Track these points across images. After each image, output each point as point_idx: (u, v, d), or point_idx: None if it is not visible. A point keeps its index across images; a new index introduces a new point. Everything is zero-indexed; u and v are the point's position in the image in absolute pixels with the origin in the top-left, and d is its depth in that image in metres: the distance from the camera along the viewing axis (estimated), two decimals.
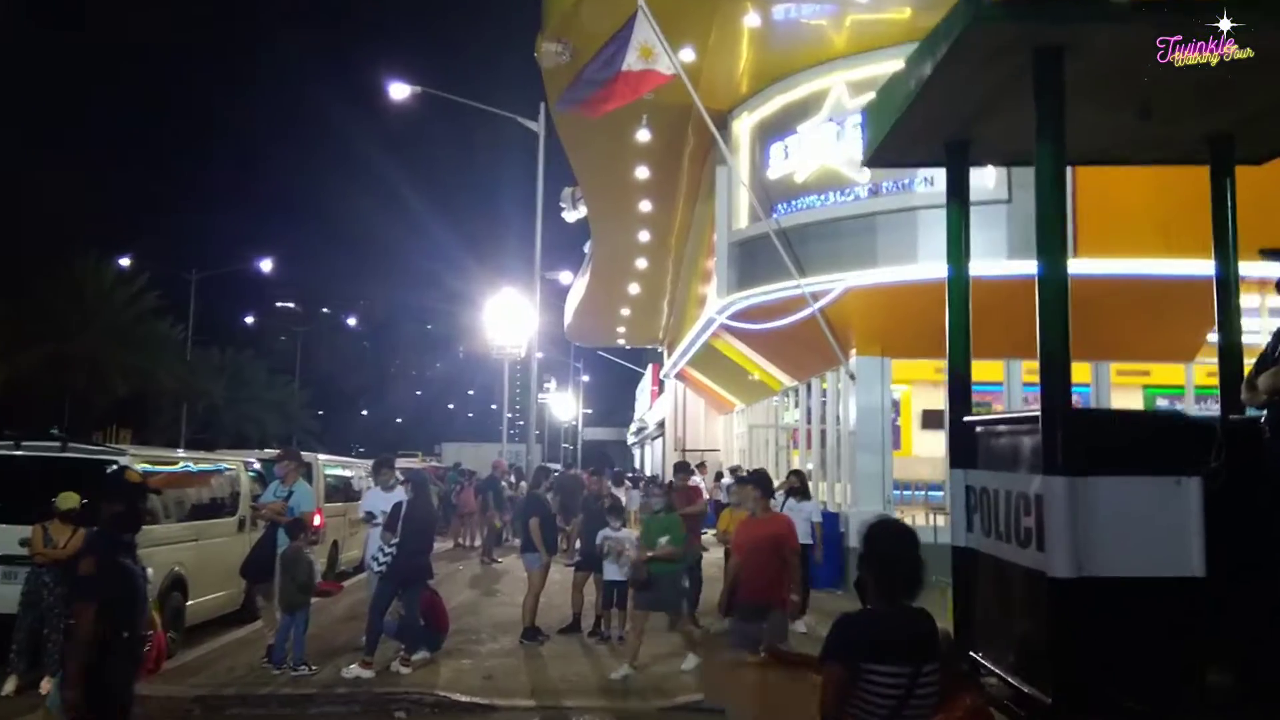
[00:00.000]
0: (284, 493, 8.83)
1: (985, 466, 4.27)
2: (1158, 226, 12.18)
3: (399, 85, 23.74)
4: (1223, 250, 4.48)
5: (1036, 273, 4.49)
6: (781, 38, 14.10)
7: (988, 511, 4.12)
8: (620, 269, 25.19)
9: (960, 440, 4.57)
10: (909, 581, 2.90)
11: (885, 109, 4.29)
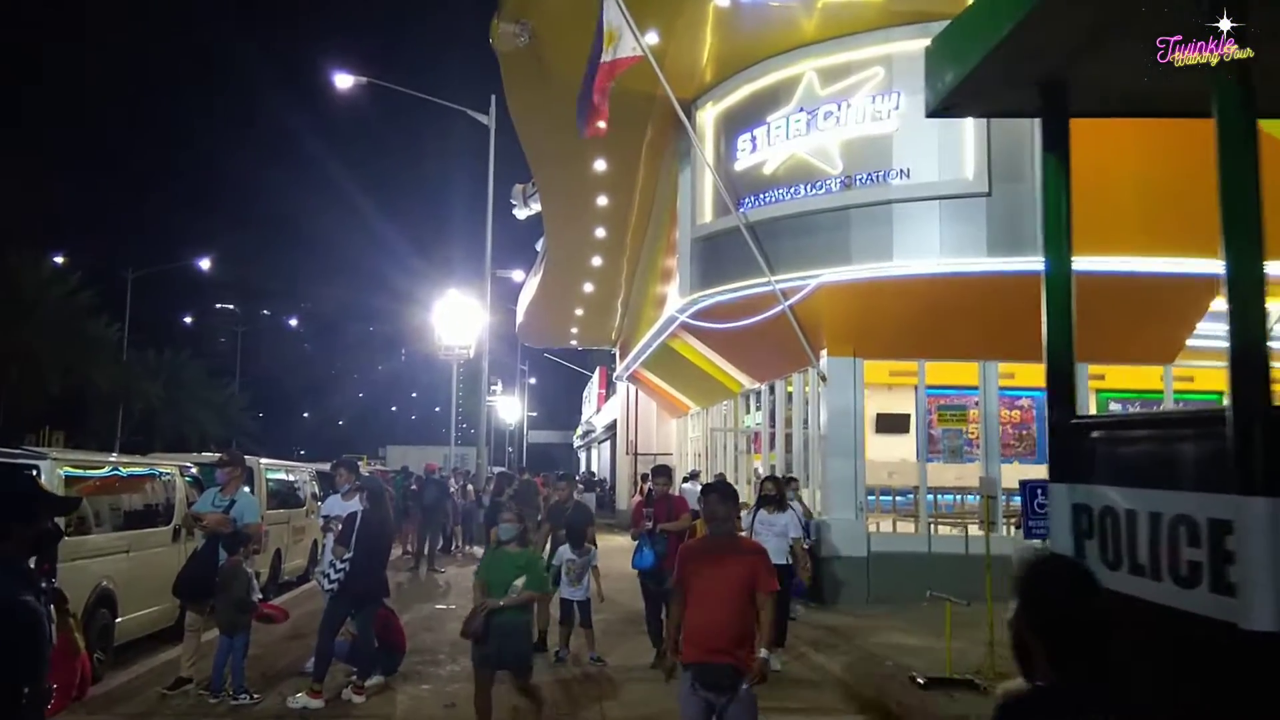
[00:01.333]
0: (224, 502, 7.96)
1: (1111, 481, 3.41)
2: (1140, 224, 11.88)
3: (344, 76, 22.82)
4: None
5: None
6: (749, 23, 13.51)
7: (1116, 539, 3.28)
8: (575, 267, 24.45)
9: (1066, 448, 3.71)
10: (1091, 647, 2.09)
11: (962, 44, 3.56)
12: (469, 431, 64.85)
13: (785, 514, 9.22)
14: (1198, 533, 2.82)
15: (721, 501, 4.99)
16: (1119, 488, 3.33)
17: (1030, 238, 12.40)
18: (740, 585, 4.71)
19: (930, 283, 12.59)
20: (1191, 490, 2.91)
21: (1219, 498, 2.74)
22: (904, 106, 12.86)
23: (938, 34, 3.70)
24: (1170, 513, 2.98)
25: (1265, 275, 3.11)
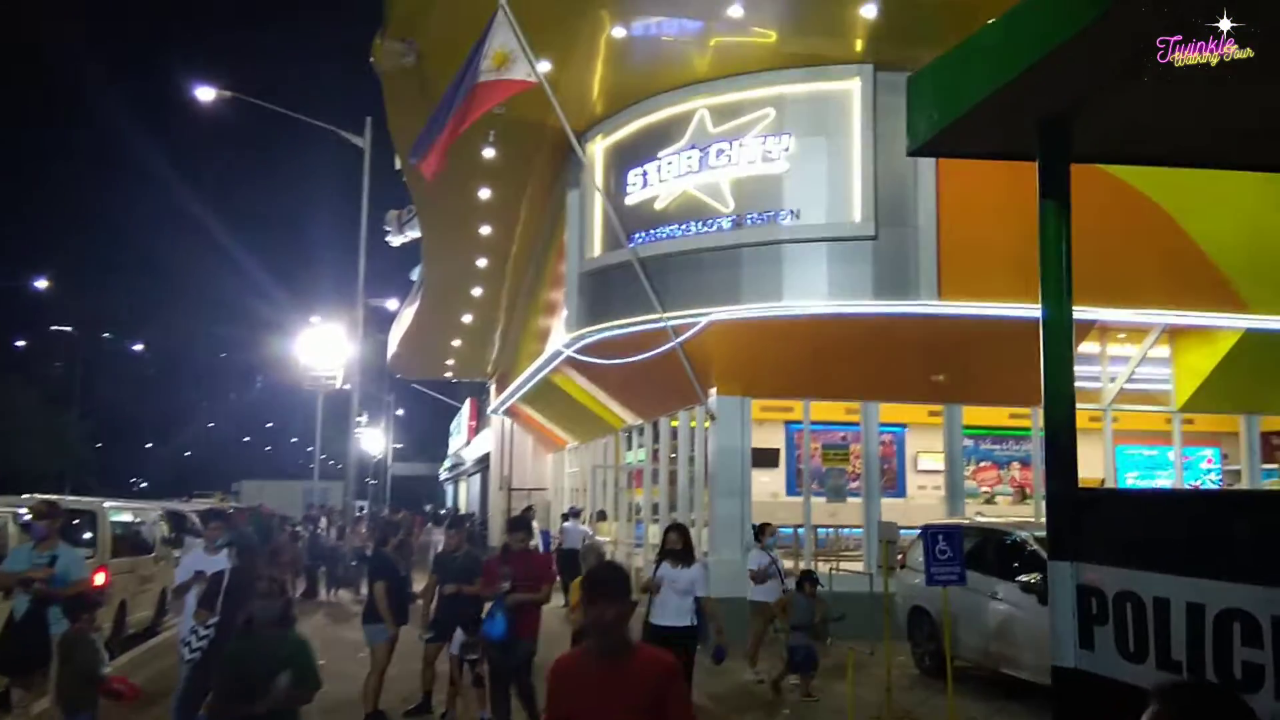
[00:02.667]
0: (43, 558, 7.00)
1: (1132, 563, 3.06)
2: (1018, 270, 12.21)
3: (206, 89, 21.58)
4: None
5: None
6: (642, 56, 13.39)
7: (1140, 629, 2.94)
8: (453, 297, 23.73)
9: (1070, 522, 3.36)
10: None
11: (956, 83, 3.31)
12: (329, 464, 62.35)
13: (692, 569, 7.69)
14: (1258, 631, 2.52)
15: (611, 601, 3.17)
16: (1143, 571, 2.99)
17: (914, 281, 12.65)
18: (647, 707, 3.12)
19: (818, 323, 12.64)
20: (1249, 582, 2.59)
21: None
22: (794, 148, 12.94)
23: (924, 70, 3.45)
24: (1218, 606, 2.67)
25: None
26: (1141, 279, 12.05)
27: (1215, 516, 2.88)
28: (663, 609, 7.47)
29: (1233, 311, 12.64)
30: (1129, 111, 3.13)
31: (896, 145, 12.75)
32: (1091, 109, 3.13)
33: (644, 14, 12.28)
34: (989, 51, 3.20)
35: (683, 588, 7.50)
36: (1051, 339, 3.42)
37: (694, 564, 7.69)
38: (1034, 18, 2.93)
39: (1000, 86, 2.99)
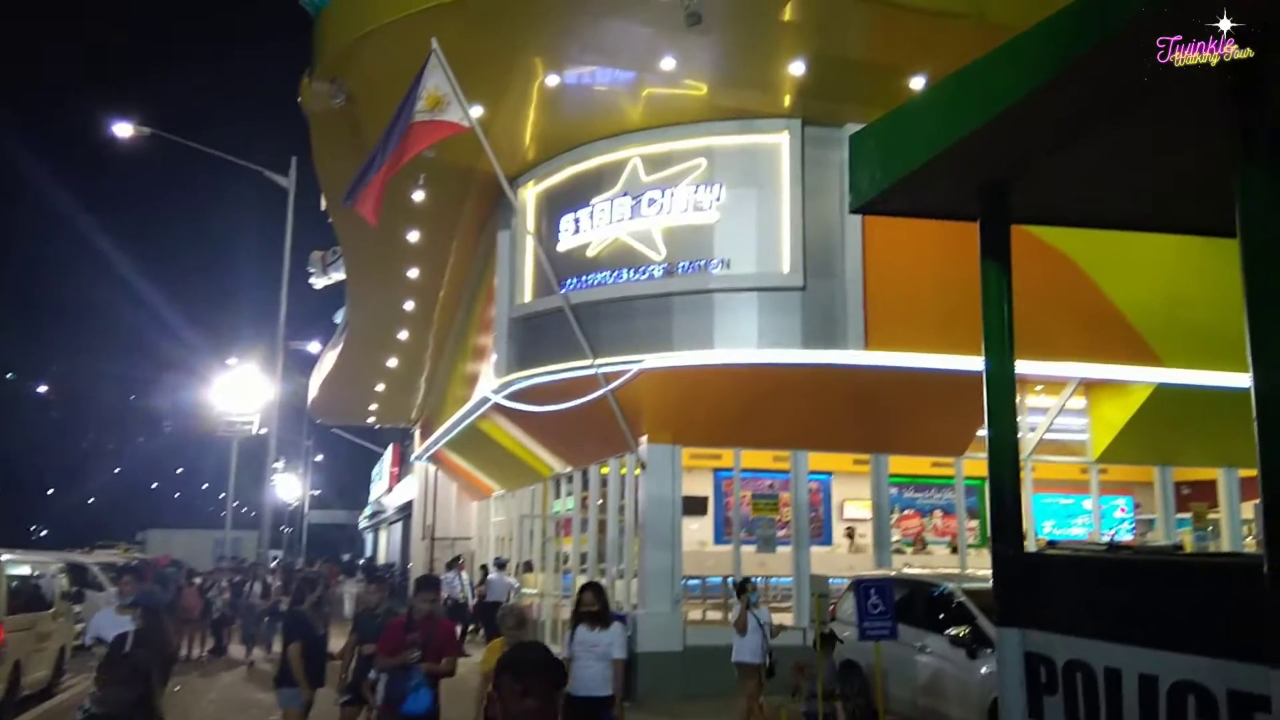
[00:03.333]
0: None
1: (1083, 631, 2.94)
2: (941, 322, 12.50)
3: (123, 125, 21.04)
4: None
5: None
6: (575, 105, 13.43)
7: (1090, 699, 2.82)
8: (379, 340, 23.28)
9: (1017, 586, 3.25)
10: None
11: (899, 143, 3.30)
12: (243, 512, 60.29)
13: (610, 629, 7.22)
14: (1214, 706, 2.43)
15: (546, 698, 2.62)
16: (1094, 640, 2.88)
17: (841, 331, 12.83)
18: None
19: (749, 372, 12.69)
20: (1204, 655, 2.49)
21: (1247, 668, 2.32)
22: (725, 198, 13.07)
23: (866, 129, 3.45)
24: (1172, 678, 2.58)
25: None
26: (1059, 334, 12.39)
27: (1169, 583, 2.80)
28: (580, 678, 7.00)
29: (1146, 365, 13.07)
30: (1065, 176, 3.19)
31: (824, 198, 12.99)
32: (1030, 173, 3.16)
33: (577, 63, 12.32)
34: (930, 115, 3.22)
35: (601, 652, 7.11)
36: (995, 393, 3.41)
37: (612, 625, 7.32)
38: (975, 85, 2.95)
39: (941, 150, 3.00)
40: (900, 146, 3.23)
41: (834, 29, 11.40)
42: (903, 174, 3.13)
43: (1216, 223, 2.83)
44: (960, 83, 2.98)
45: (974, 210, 3.30)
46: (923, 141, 3.10)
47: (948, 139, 2.93)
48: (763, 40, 11.70)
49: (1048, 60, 2.53)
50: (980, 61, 2.83)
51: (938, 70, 11.64)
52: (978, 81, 2.89)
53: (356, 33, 11.81)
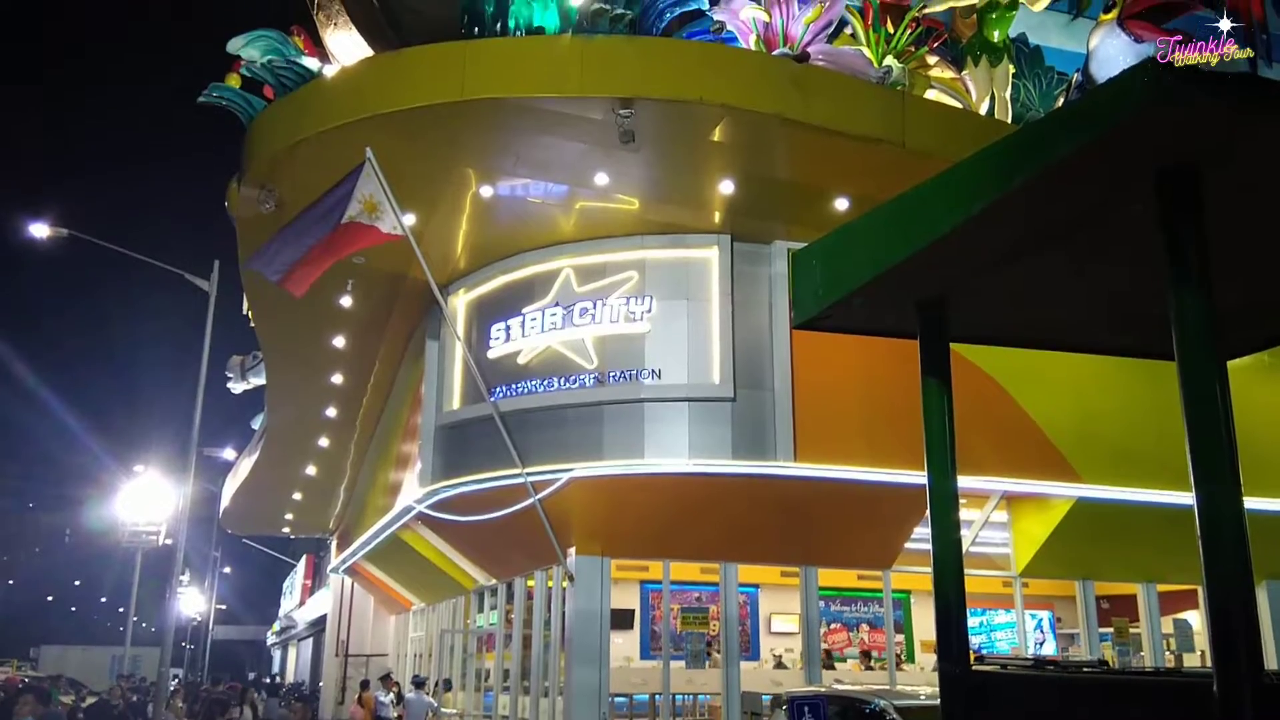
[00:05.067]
0: None
1: None
2: (868, 435, 12.68)
3: (40, 225, 20.52)
4: None
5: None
6: (508, 216, 13.56)
7: None
8: (298, 447, 22.64)
9: (963, 706, 3.17)
10: None
11: (839, 263, 3.35)
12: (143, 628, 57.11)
13: None
14: None
15: None
16: None
17: (771, 443, 12.89)
18: None
19: (679, 482, 12.64)
20: None
21: None
22: (656, 310, 13.21)
23: (809, 249, 3.52)
24: None
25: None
26: (980, 448, 12.64)
27: (1127, 702, 2.73)
28: None
29: (1065, 481, 13.37)
30: (1001, 297, 3.29)
31: (754, 311, 13.23)
32: (966, 294, 3.25)
33: (511, 176, 12.49)
34: (869, 238, 3.30)
35: None
36: (937, 507, 3.40)
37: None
38: (911, 213, 3.04)
39: (879, 272, 3.07)
40: (841, 267, 3.30)
41: (761, 151, 11.80)
42: (844, 293, 3.20)
43: (1153, 344, 2.91)
44: (897, 209, 3.08)
45: (913, 328, 3.37)
46: (862, 263, 3.18)
47: (885, 262, 3.01)
48: (693, 159, 12.05)
49: (978, 193, 2.62)
50: (915, 191, 2.93)
51: (862, 191, 12.14)
52: (913, 210, 2.98)
53: (289, 140, 11.81)
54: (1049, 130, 2.51)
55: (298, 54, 12.79)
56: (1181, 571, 14.21)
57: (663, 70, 11.13)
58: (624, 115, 10.87)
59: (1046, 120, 2.55)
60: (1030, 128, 2.58)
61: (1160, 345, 2.72)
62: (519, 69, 11.19)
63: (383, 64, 11.74)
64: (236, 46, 12.87)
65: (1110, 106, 2.19)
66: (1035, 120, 2.42)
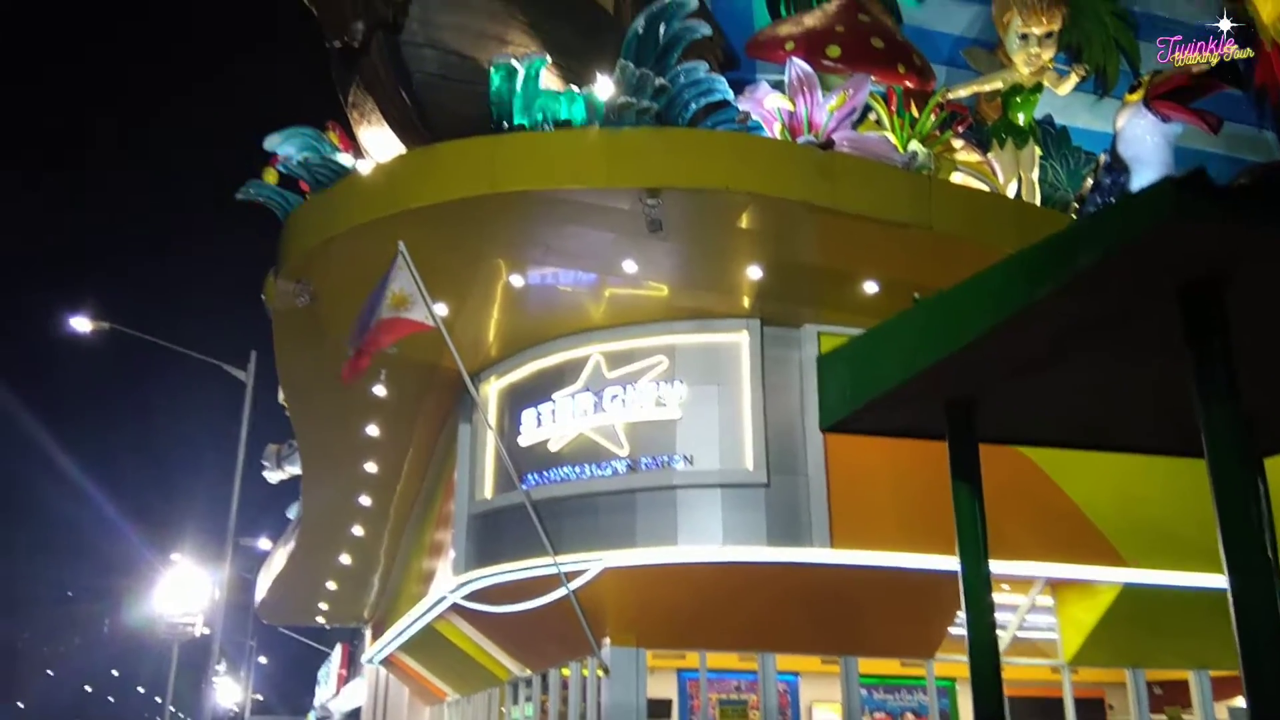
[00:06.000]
0: None
1: None
2: (904, 520, 12.42)
3: (81, 319, 21.05)
4: None
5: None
6: (539, 304, 13.70)
7: None
8: (332, 536, 22.62)
9: None
10: None
11: (866, 365, 3.33)
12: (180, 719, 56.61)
13: None
14: None
15: None
16: None
17: (806, 529, 12.65)
18: None
19: (714, 571, 12.42)
20: None
21: None
22: (687, 395, 13.16)
23: (834, 352, 3.50)
24: None
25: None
26: (1022, 533, 12.33)
27: None
28: None
29: (1110, 565, 12.97)
30: (1031, 398, 3.23)
31: (785, 395, 13.13)
32: (995, 395, 3.20)
33: (540, 265, 12.65)
34: (896, 342, 3.27)
35: None
36: (972, 595, 3.30)
37: None
38: (938, 317, 3.01)
39: (907, 376, 3.04)
40: (868, 371, 3.27)
41: (788, 237, 11.87)
42: (871, 396, 3.17)
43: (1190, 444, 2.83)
44: (922, 315, 3.05)
45: (942, 430, 3.31)
46: (889, 368, 3.14)
47: (912, 367, 2.98)
48: (721, 246, 12.15)
49: (1004, 301, 2.59)
50: (940, 297, 2.91)
51: (892, 274, 12.13)
52: (938, 316, 2.95)
53: (322, 236, 12.08)
54: (1072, 242, 2.49)
55: (332, 150, 13.15)
56: (1234, 657, 13.57)
57: (689, 160, 11.31)
58: (651, 205, 11.01)
59: (1069, 232, 2.54)
60: (1054, 240, 2.57)
61: (1197, 444, 2.65)
62: (547, 162, 11.42)
63: (414, 159, 12.03)
64: (273, 144, 13.29)
65: (1131, 222, 2.18)
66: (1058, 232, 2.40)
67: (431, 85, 11.77)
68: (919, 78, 13.39)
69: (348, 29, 11.17)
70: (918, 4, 15.96)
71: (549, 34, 12.31)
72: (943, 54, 15.44)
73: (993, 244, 11.55)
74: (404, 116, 11.73)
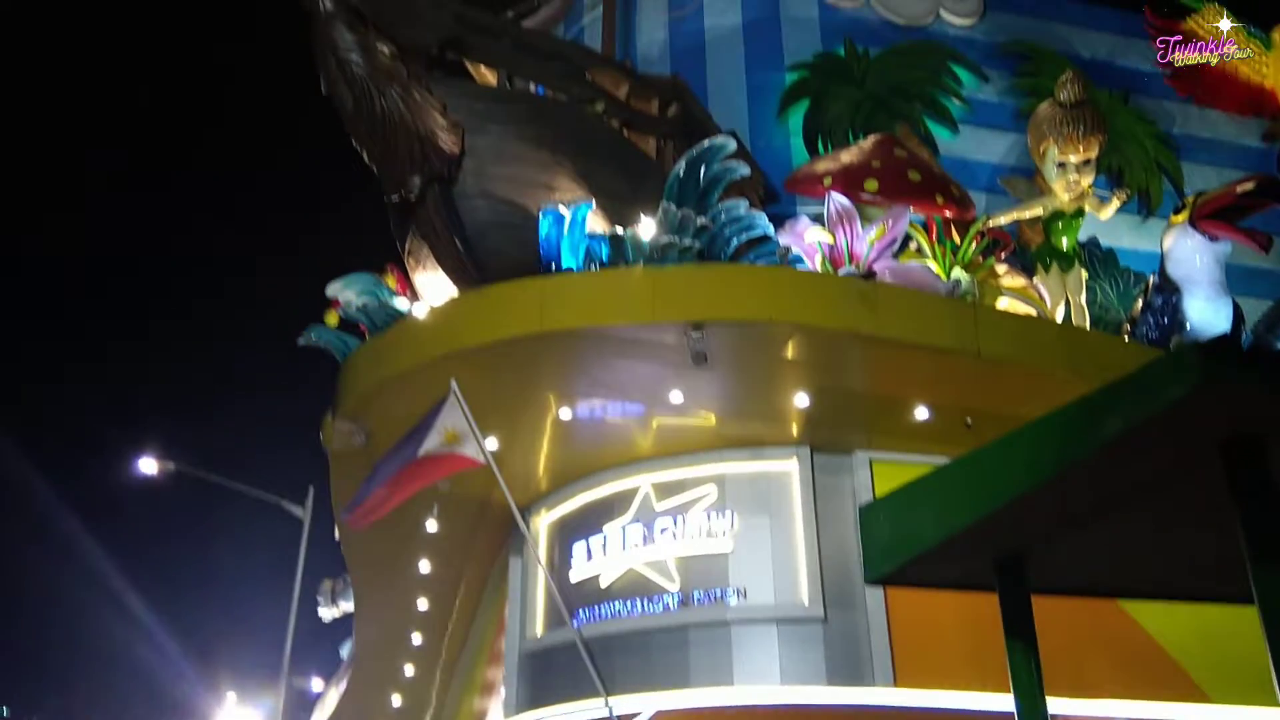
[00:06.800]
0: None
1: None
2: (969, 657, 11.94)
3: (149, 460, 21.64)
4: None
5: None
6: (588, 436, 13.78)
7: None
8: (384, 676, 22.27)
9: None
10: None
11: (910, 518, 3.30)
12: None
13: None
14: None
15: None
16: None
17: (867, 666, 12.19)
18: None
19: (772, 713, 11.98)
20: None
21: None
22: (738, 526, 12.99)
23: (875, 504, 3.49)
24: None
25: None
26: (1098, 671, 11.77)
27: None
28: None
29: (1194, 701, 12.26)
30: (1082, 552, 3.17)
31: (839, 525, 12.88)
32: (1046, 550, 3.15)
33: (588, 398, 12.79)
34: (939, 496, 3.25)
35: None
36: None
37: None
38: (980, 473, 3.00)
39: (952, 532, 3.01)
40: (910, 525, 3.23)
41: (834, 365, 11.90)
42: (915, 553, 3.13)
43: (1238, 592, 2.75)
44: (962, 472, 3.04)
45: (992, 583, 3.25)
46: (931, 523, 3.11)
47: (954, 524, 2.95)
48: (767, 376, 12.20)
49: (1043, 462, 2.59)
50: (979, 454, 2.91)
51: (942, 399, 12.02)
52: (977, 473, 2.94)
53: (378, 378, 12.41)
54: (1099, 410, 2.50)
55: (390, 295, 13.64)
56: None
57: (732, 294, 11.50)
58: (696, 337, 11.17)
59: (1097, 399, 2.55)
60: (1088, 401, 2.57)
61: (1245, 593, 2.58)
62: (594, 300, 11.70)
63: (466, 301, 12.40)
64: (335, 290, 13.86)
65: (1158, 390, 2.19)
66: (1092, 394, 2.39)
67: (483, 232, 12.24)
68: (958, 207, 13.59)
69: (406, 185, 11.74)
70: (953, 135, 16.34)
71: (594, 180, 12.78)
72: (981, 182, 15.71)
73: (1043, 368, 11.49)
74: (457, 262, 12.16)
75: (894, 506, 3.31)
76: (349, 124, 12.05)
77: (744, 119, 16.44)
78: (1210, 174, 16.42)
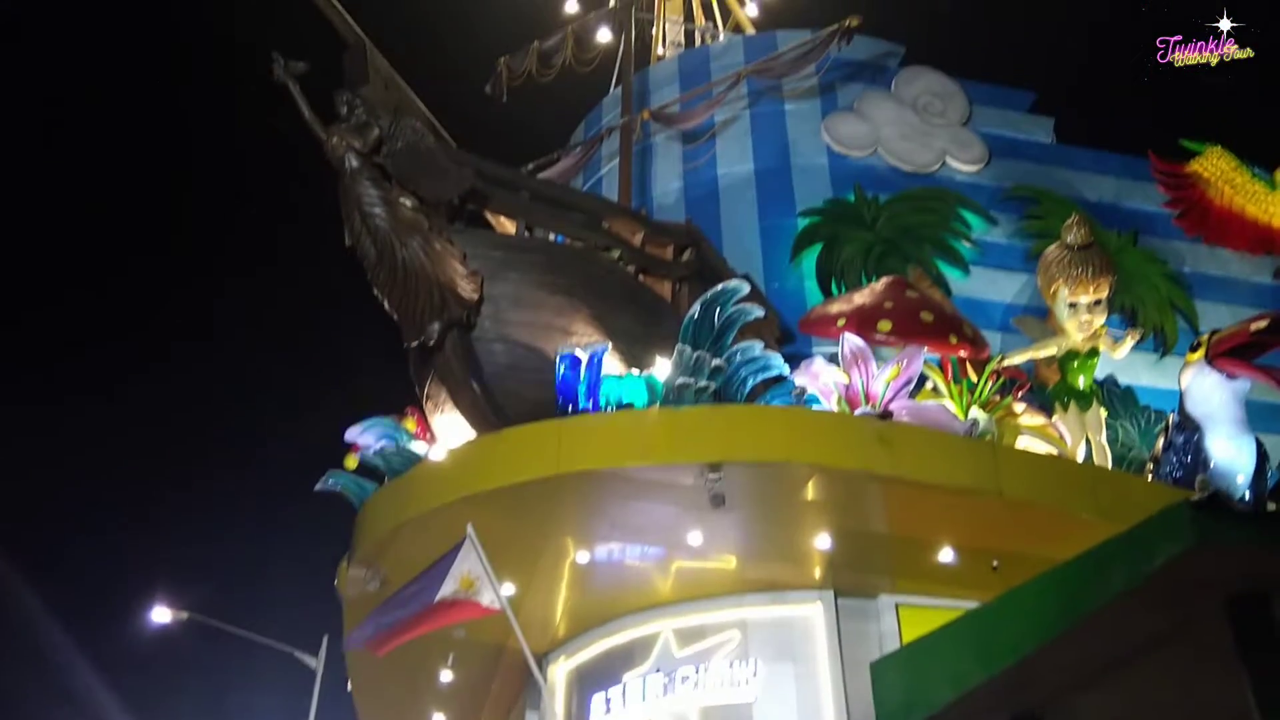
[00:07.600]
0: None
1: None
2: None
3: (162, 609, 21.40)
4: None
5: None
6: (606, 581, 13.54)
7: None
8: None
9: None
10: None
11: (926, 674, 3.20)
12: None
13: None
14: None
15: None
16: None
17: None
18: None
19: None
20: None
21: None
22: (761, 673, 12.58)
23: (885, 661, 3.45)
24: None
25: None
26: None
27: None
28: None
29: None
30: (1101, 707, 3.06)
31: (863, 671, 12.29)
32: (1061, 708, 3.05)
33: (606, 541, 12.64)
34: (949, 654, 3.17)
35: None
36: None
37: None
38: (991, 630, 2.94)
39: (961, 692, 2.92)
40: (924, 683, 3.12)
41: (854, 506, 11.77)
42: (929, 711, 3.00)
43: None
44: (972, 627, 2.97)
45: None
46: (942, 680, 3.01)
47: (969, 681, 2.86)
48: (786, 517, 12.06)
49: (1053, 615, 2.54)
50: (988, 608, 2.85)
51: (966, 541, 11.79)
52: (989, 628, 2.87)
53: (395, 522, 12.34)
54: (1107, 561, 2.47)
55: (408, 439, 13.72)
56: None
57: (748, 434, 11.49)
58: (714, 479, 11.10)
59: (1104, 550, 2.52)
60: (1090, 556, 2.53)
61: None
62: (610, 441, 11.71)
63: (483, 445, 12.42)
64: (354, 435, 13.97)
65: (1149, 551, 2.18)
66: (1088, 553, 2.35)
67: (501, 375, 12.39)
68: (972, 346, 13.67)
69: (425, 331, 11.99)
70: (964, 276, 16.59)
71: (611, 323, 13.01)
72: (995, 322, 15.84)
73: (1068, 509, 11.29)
74: (475, 405, 12.26)
75: (903, 664, 3.21)
76: (371, 273, 12.40)
77: (758, 262, 16.81)
78: (1224, 311, 16.48)
